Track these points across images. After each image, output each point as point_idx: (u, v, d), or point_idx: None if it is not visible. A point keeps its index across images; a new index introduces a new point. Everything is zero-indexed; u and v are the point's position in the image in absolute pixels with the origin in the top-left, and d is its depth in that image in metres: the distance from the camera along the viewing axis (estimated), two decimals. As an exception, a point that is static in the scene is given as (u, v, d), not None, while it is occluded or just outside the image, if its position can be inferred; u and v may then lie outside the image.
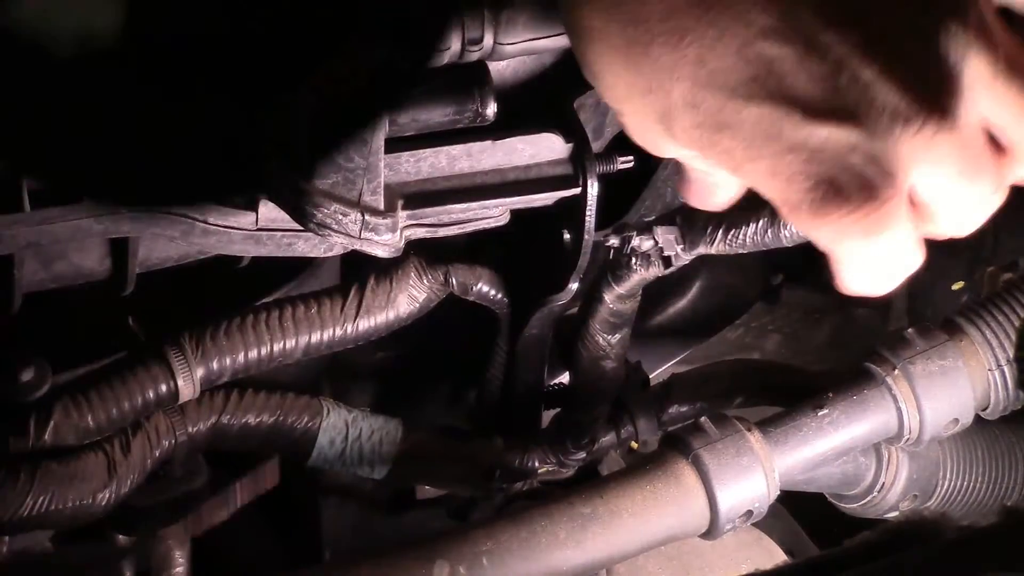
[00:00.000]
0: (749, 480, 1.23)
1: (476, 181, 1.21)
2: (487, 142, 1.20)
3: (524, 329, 1.34)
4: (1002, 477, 1.43)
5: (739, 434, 1.25)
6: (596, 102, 1.25)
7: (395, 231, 1.17)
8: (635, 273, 1.30)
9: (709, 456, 1.23)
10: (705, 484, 1.22)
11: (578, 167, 1.23)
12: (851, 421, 1.29)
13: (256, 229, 1.16)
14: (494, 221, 1.23)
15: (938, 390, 1.30)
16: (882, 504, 1.41)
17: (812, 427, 1.28)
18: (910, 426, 1.30)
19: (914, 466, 1.39)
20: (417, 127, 1.16)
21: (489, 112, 1.17)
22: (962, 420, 1.32)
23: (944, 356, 1.30)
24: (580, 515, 1.19)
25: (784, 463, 1.26)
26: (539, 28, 1.16)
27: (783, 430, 1.28)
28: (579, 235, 1.24)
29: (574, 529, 1.18)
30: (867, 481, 1.38)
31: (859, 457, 1.35)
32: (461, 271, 1.31)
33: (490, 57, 1.15)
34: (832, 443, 1.28)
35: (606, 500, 1.20)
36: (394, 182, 1.17)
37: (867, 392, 1.30)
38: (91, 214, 1.09)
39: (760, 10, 0.78)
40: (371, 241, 1.16)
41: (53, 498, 1.17)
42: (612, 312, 1.34)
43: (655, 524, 1.21)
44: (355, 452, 1.33)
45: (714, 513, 1.23)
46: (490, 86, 1.17)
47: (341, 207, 1.13)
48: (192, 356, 1.22)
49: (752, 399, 1.43)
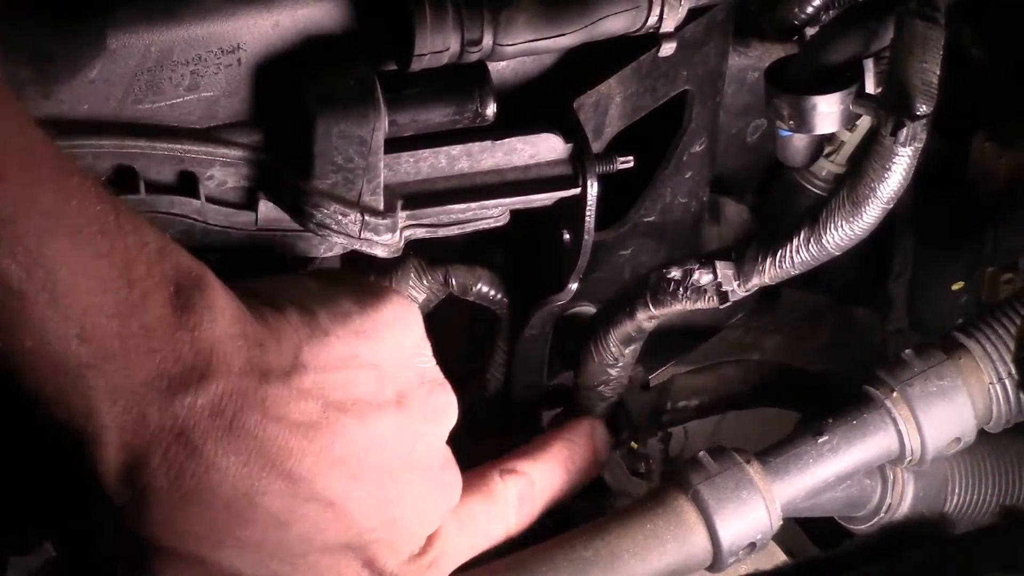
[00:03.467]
0: (750, 513, 1.23)
1: (476, 181, 1.21)
2: (487, 142, 1.20)
3: (524, 329, 1.34)
4: (1012, 488, 1.42)
5: (738, 467, 1.24)
6: (596, 102, 1.25)
7: (395, 231, 1.17)
8: (679, 302, 1.29)
9: (708, 491, 1.22)
10: (706, 520, 1.22)
11: (578, 167, 1.23)
12: (851, 446, 1.28)
13: (255, 229, 1.16)
14: (494, 221, 1.23)
15: (937, 411, 1.29)
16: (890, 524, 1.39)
17: (812, 454, 1.27)
18: (911, 448, 1.29)
19: (920, 485, 1.38)
20: (417, 127, 1.16)
21: (489, 112, 1.17)
22: (964, 438, 1.31)
23: (942, 376, 1.29)
24: (581, 559, 1.18)
25: (785, 493, 1.25)
26: (539, 29, 1.16)
27: (783, 459, 1.26)
28: (579, 235, 1.24)
29: (575, 573, 1.18)
30: (873, 503, 1.37)
31: (863, 480, 1.34)
32: (461, 271, 1.31)
33: (490, 57, 1.15)
34: (833, 469, 1.27)
35: (607, 542, 1.19)
36: (394, 182, 1.17)
37: (867, 416, 1.29)
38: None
39: None
40: (371, 241, 1.16)
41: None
42: (637, 328, 1.33)
43: (657, 563, 1.20)
44: (355, 452, 1.33)
45: (716, 548, 1.22)
46: (490, 86, 1.17)
47: (341, 207, 1.13)
48: (192, 356, 1.22)
49: (752, 400, 1.43)
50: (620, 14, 1.20)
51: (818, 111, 1.26)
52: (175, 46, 1.08)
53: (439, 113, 1.16)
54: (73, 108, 1.07)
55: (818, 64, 1.27)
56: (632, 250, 1.44)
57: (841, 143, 1.52)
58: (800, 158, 1.45)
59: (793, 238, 1.24)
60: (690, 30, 1.29)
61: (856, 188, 1.22)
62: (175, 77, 1.09)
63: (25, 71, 1.04)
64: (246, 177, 1.14)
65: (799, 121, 1.27)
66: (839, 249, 1.25)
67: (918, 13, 1.19)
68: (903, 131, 1.18)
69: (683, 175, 1.42)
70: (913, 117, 1.18)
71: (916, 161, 1.21)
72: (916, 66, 1.19)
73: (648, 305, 1.30)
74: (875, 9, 1.26)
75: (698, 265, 1.27)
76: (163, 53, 1.08)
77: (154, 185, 1.11)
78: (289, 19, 1.11)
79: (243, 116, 1.13)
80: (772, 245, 1.25)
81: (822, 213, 1.24)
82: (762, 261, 1.25)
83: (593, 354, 1.37)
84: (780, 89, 1.28)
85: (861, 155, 1.23)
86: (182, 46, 1.08)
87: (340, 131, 1.10)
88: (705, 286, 1.27)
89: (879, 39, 1.26)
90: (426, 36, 1.11)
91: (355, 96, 1.11)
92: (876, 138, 1.21)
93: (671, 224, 1.44)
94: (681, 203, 1.44)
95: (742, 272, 1.26)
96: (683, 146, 1.39)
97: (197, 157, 1.11)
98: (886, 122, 1.19)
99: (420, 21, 1.10)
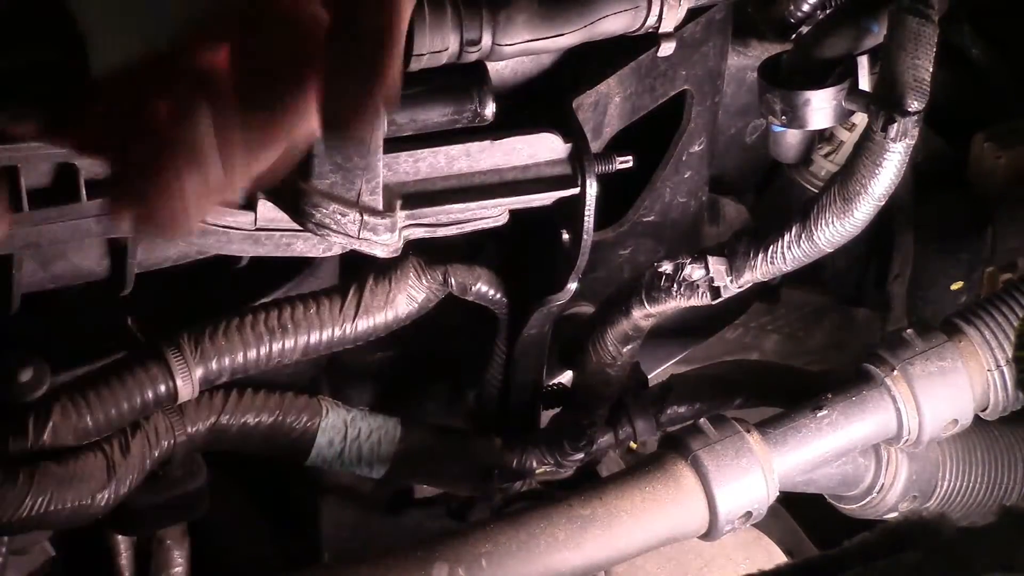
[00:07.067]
0: (748, 481, 1.23)
1: (475, 181, 1.21)
2: (486, 142, 1.20)
3: (523, 329, 1.34)
4: (1002, 477, 1.43)
5: (738, 435, 1.25)
6: (595, 102, 1.25)
7: (394, 231, 1.17)
8: (673, 299, 1.29)
9: (708, 457, 1.23)
10: (704, 485, 1.22)
11: (577, 167, 1.23)
12: (850, 422, 1.29)
13: (255, 229, 1.16)
14: (493, 221, 1.23)
15: (937, 391, 1.30)
16: (881, 505, 1.40)
17: (811, 428, 1.28)
18: (909, 427, 1.30)
19: (914, 467, 1.39)
20: (416, 127, 1.17)
21: (488, 112, 1.17)
22: (961, 421, 1.32)
23: (943, 357, 1.30)
24: (579, 517, 1.19)
25: (783, 464, 1.26)
26: (537, 29, 1.16)
27: (782, 431, 1.28)
28: (578, 235, 1.24)
29: (573, 531, 1.18)
30: (866, 482, 1.38)
31: (858, 458, 1.35)
32: (460, 271, 1.31)
33: (489, 57, 1.15)
34: (831, 444, 1.28)
35: (605, 502, 1.20)
36: (393, 182, 1.17)
37: (866, 393, 1.30)
38: (90, 214, 1.09)
39: None
40: (370, 241, 1.16)
41: (52, 498, 1.17)
42: (633, 327, 1.33)
43: (654, 526, 1.21)
44: (354, 452, 1.33)
45: (713, 514, 1.23)
46: (489, 86, 1.17)
47: (340, 207, 1.13)
48: (191, 356, 1.22)
49: (751, 400, 1.43)
50: (619, 14, 1.20)
51: (811, 106, 1.26)
52: (174, 46, 1.08)
53: (438, 113, 1.16)
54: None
55: (811, 60, 1.27)
56: (631, 250, 1.44)
57: (840, 143, 1.52)
58: (793, 154, 1.45)
59: (784, 234, 1.25)
60: (689, 30, 1.29)
61: (847, 184, 1.22)
62: (174, 77, 1.09)
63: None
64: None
65: (791, 116, 1.27)
66: (831, 246, 1.25)
67: (911, 10, 1.19)
68: (894, 127, 1.18)
69: (682, 175, 1.42)
70: (904, 113, 1.18)
71: (908, 157, 1.21)
72: (908, 62, 1.19)
73: (643, 303, 1.30)
74: (869, 6, 1.26)
75: (690, 260, 1.27)
76: (162, 53, 1.08)
77: (153, 185, 1.10)
78: (288, 19, 1.11)
79: (242, 116, 1.13)
80: (764, 241, 1.25)
81: (813, 209, 1.24)
82: (754, 257, 1.26)
83: (591, 354, 1.37)
84: (773, 84, 1.28)
85: (853, 152, 1.24)
86: (181, 46, 1.08)
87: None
88: (697, 281, 1.27)
89: (873, 36, 1.26)
90: (425, 36, 1.11)
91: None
92: (868, 134, 1.21)
93: (670, 224, 1.45)
94: (680, 203, 1.44)
95: (734, 267, 1.26)
96: (682, 146, 1.40)
97: (196, 157, 1.11)
98: (877, 118, 1.19)
99: (419, 21, 1.10)
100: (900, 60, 1.19)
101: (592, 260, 1.28)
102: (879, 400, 1.30)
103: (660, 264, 1.28)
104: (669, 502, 1.22)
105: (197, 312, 1.26)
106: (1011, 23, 1.64)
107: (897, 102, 1.19)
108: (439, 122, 1.17)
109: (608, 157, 1.25)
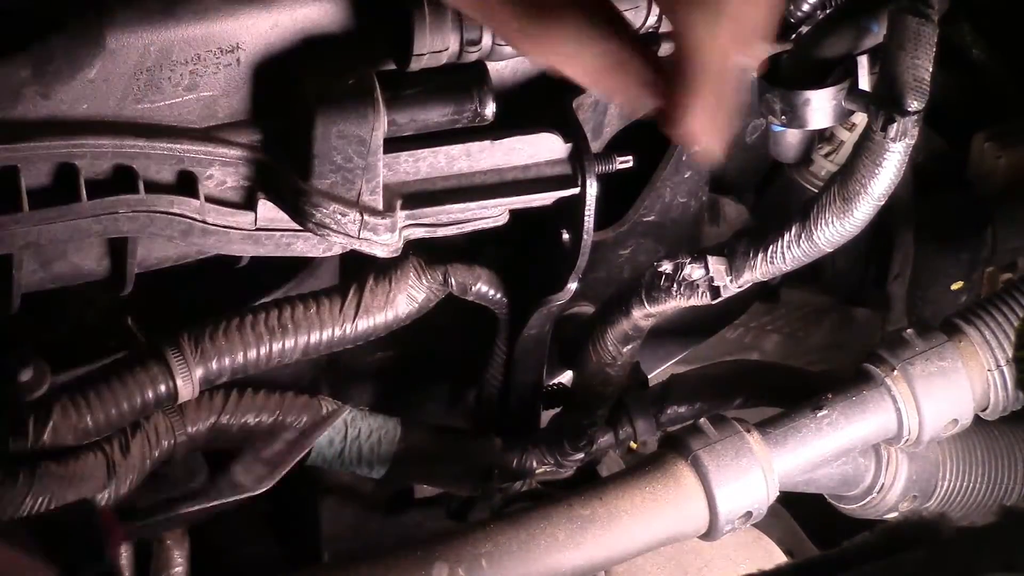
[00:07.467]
0: (748, 481, 1.23)
1: (475, 181, 1.21)
2: (486, 142, 1.20)
3: (523, 329, 1.34)
4: (1001, 477, 1.43)
5: (738, 435, 1.25)
6: (595, 101, 1.25)
7: (394, 231, 1.17)
8: (673, 299, 1.29)
9: (708, 457, 1.23)
10: (704, 485, 1.22)
11: (577, 167, 1.23)
12: (850, 422, 1.29)
13: (255, 229, 1.16)
14: (493, 221, 1.23)
15: (937, 391, 1.30)
16: (881, 505, 1.40)
17: (811, 428, 1.28)
18: (909, 427, 1.30)
19: (913, 467, 1.39)
20: (416, 127, 1.16)
21: (488, 112, 1.17)
22: (961, 421, 1.32)
23: (943, 357, 1.30)
24: (579, 517, 1.19)
25: (783, 464, 1.26)
26: (538, 28, 1.15)
27: (782, 431, 1.28)
28: (578, 235, 1.24)
29: (573, 531, 1.18)
30: (866, 482, 1.38)
31: (858, 458, 1.35)
32: (460, 271, 1.31)
33: (489, 57, 1.15)
34: (831, 444, 1.28)
35: (605, 502, 1.20)
36: (393, 182, 1.17)
37: (866, 393, 1.30)
38: (90, 214, 1.09)
39: None
40: (370, 241, 1.16)
41: (52, 499, 1.17)
42: (633, 327, 1.33)
43: (654, 526, 1.21)
44: (354, 451, 1.33)
45: (713, 514, 1.23)
46: (489, 86, 1.17)
47: (340, 207, 1.13)
48: (191, 356, 1.22)
49: (751, 400, 1.43)
50: (619, 14, 1.20)
51: (811, 106, 1.26)
52: (174, 46, 1.08)
53: (438, 113, 1.16)
54: (72, 108, 1.07)
55: (811, 59, 1.27)
56: (631, 250, 1.44)
57: (840, 143, 1.52)
58: (792, 153, 1.45)
59: (784, 234, 1.25)
60: (689, 30, 1.29)
61: (847, 184, 1.22)
62: (174, 77, 1.09)
63: (25, 71, 1.04)
64: (245, 177, 1.14)
65: (791, 116, 1.27)
66: (830, 245, 1.25)
67: (911, 10, 1.19)
68: (893, 126, 1.18)
69: (682, 175, 1.42)
70: (904, 113, 1.18)
71: (908, 157, 1.21)
72: (908, 62, 1.19)
73: (643, 302, 1.30)
74: (868, 6, 1.26)
75: (690, 259, 1.27)
76: (162, 53, 1.08)
77: (153, 185, 1.11)
78: (288, 19, 1.11)
79: (242, 116, 1.13)
80: (764, 241, 1.25)
81: (813, 209, 1.24)
82: (753, 256, 1.26)
83: (591, 354, 1.37)
84: (773, 84, 1.28)
85: (853, 152, 1.24)
86: (181, 46, 1.08)
87: (339, 131, 1.10)
88: (697, 281, 1.27)
89: (873, 36, 1.26)
90: (425, 36, 1.11)
91: (354, 96, 1.11)
92: (868, 134, 1.21)
93: (670, 224, 1.45)
94: (680, 203, 1.44)
95: (734, 267, 1.26)
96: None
97: (196, 157, 1.12)
98: (877, 117, 1.19)
99: (419, 21, 1.10)
100: (900, 60, 1.19)
101: (592, 260, 1.28)
102: (879, 400, 1.30)
103: (660, 264, 1.28)
104: (669, 502, 1.22)
105: (197, 312, 1.26)
106: (1011, 23, 1.64)
107: (897, 102, 1.19)
108: (439, 122, 1.16)
109: (608, 157, 1.25)
